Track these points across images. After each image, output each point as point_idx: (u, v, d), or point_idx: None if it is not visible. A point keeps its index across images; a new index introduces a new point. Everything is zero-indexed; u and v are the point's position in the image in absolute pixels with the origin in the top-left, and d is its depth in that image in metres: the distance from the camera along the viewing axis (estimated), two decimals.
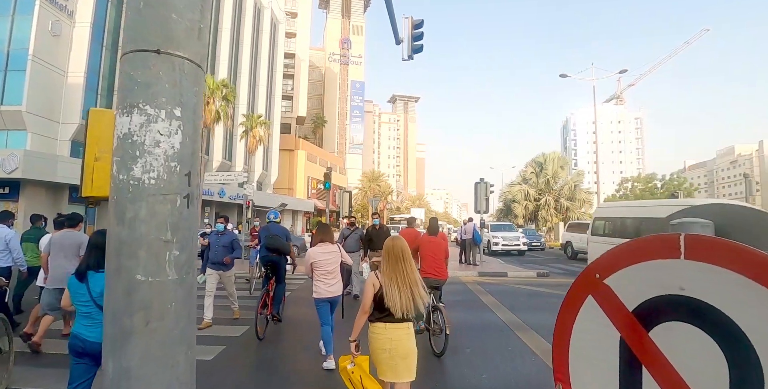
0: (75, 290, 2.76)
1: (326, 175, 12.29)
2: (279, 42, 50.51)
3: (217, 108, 28.95)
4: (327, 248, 4.63)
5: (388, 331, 2.84)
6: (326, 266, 4.57)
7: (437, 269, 5.52)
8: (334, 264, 4.64)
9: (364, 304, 2.91)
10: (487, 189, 15.61)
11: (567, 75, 27.36)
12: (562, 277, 12.09)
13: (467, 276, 11.73)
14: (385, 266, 2.93)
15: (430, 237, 5.69)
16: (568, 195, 34.77)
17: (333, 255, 4.63)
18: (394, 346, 2.82)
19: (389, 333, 2.84)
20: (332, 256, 4.62)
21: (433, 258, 5.53)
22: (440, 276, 5.53)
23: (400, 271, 2.88)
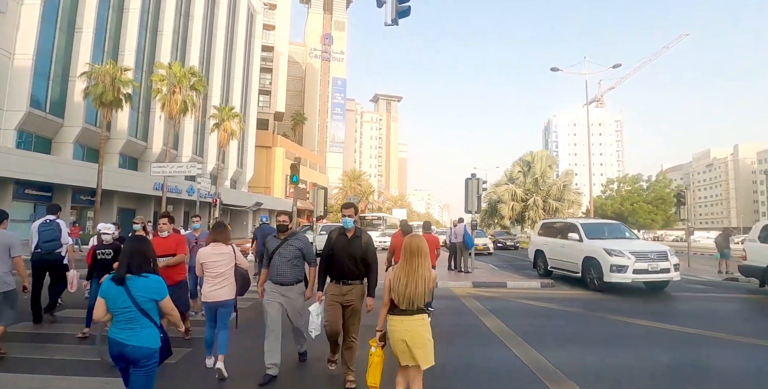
0: (115, 297, 2.71)
1: (293, 167, 10.32)
2: (256, 33, 48.17)
3: (184, 98, 26.59)
4: (219, 249, 4.41)
5: (404, 323, 3.03)
6: (216, 268, 4.34)
7: None
8: (225, 266, 4.39)
9: (384, 298, 3.12)
10: (479, 186, 13.86)
11: (558, 69, 26.00)
12: (568, 288, 10.37)
13: (461, 288, 9.89)
14: (402, 260, 3.14)
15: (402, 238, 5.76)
16: (557, 195, 33.44)
17: (225, 256, 4.40)
18: (410, 337, 3.00)
19: (405, 324, 3.03)
20: (224, 258, 4.39)
21: None
22: None
23: (414, 266, 3.07)
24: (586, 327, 6.58)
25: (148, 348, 2.71)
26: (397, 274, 3.07)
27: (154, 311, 2.79)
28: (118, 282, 2.72)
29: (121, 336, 2.70)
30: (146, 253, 2.87)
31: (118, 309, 2.71)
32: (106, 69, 23.27)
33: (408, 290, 2.99)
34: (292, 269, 4.27)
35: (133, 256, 2.81)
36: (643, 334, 6.09)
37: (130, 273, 2.75)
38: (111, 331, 2.74)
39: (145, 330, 2.72)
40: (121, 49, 29.72)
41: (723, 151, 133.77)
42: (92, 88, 23.05)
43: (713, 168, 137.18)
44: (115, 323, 2.75)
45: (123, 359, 2.72)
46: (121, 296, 2.70)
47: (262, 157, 50.68)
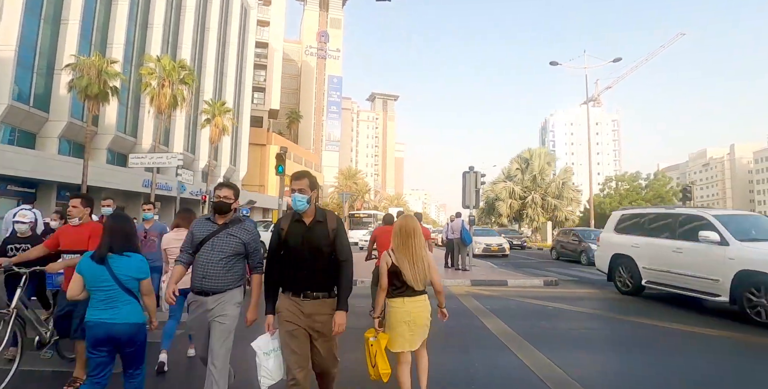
0: (94, 274, 2.65)
1: (279, 157, 9.62)
2: (250, 29, 47.36)
3: (174, 92, 25.82)
4: (182, 234, 4.11)
5: (406, 304, 3.03)
6: (176, 252, 3.86)
7: None
8: None
9: (382, 282, 3.07)
10: (477, 179, 13.18)
11: (557, 63, 25.44)
12: (574, 286, 9.72)
13: (458, 286, 9.23)
14: (396, 242, 3.11)
15: (385, 227, 6.34)
16: (556, 193, 32.81)
17: None
18: (413, 318, 3.02)
19: (407, 306, 3.03)
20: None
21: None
22: None
23: (410, 246, 3.06)
24: (600, 328, 5.95)
25: (135, 323, 2.64)
26: (397, 258, 3.04)
27: (137, 289, 2.73)
28: (99, 261, 2.64)
29: (104, 317, 2.60)
30: (128, 232, 2.81)
31: (98, 287, 2.63)
32: (92, 61, 22.48)
33: (414, 271, 3.00)
34: (225, 272, 2.89)
35: (115, 234, 2.74)
36: (661, 336, 5.45)
37: (112, 252, 2.68)
38: (90, 313, 2.63)
39: (128, 306, 2.66)
40: (110, 42, 28.90)
41: (719, 150, 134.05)
42: (77, 81, 22.27)
43: (710, 167, 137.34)
44: (94, 304, 2.64)
45: (110, 341, 2.60)
46: (102, 274, 2.63)
47: (256, 155, 49.89)
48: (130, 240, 2.80)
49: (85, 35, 26.81)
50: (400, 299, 3.03)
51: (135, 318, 2.66)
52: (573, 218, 33.56)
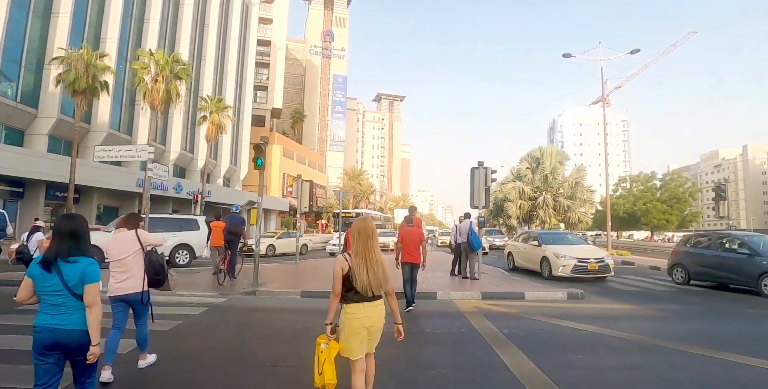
0: (42, 280, 2.52)
1: (258, 148, 8.27)
2: (251, 25, 46.29)
3: (167, 87, 24.66)
4: (121, 235, 4.01)
5: (366, 309, 2.91)
6: (116, 255, 3.92)
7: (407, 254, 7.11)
8: (125, 253, 3.91)
9: (335, 287, 2.93)
10: (487, 176, 11.79)
11: (571, 55, 23.94)
12: (602, 299, 8.33)
13: (466, 301, 7.84)
14: (356, 245, 2.96)
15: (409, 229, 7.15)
16: (568, 193, 31.25)
17: (125, 242, 3.94)
18: (373, 323, 2.92)
19: (367, 311, 2.90)
20: (123, 244, 3.94)
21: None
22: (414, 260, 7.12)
23: (370, 250, 2.93)
24: (660, 365, 4.41)
25: (85, 330, 2.48)
26: (354, 262, 2.91)
27: None
28: (45, 267, 2.52)
29: (52, 322, 2.48)
30: (78, 233, 2.63)
31: (46, 292, 2.52)
32: (80, 54, 21.41)
33: (372, 275, 2.87)
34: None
35: (63, 238, 2.59)
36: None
37: (60, 256, 2.54)
38: (39, 318, 2.52)
39: (80, 312, 2.50)
40: (103, 37, 27.88)
41: (731, 151, 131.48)
42: (64, 75, 21.20)
43: (722, 169, 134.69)
44: (44, 308, 2.53)
45: (58, 348, 2.47)
46: (51, 279, 2.51)
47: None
48: (80, 242, 2.61)
49: (76, 29, 25.79)
50: (360, 304, 2.90)
51: (85, 324, 2.50)
52: (586, 220, 31.97)
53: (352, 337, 2.86)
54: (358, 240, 2.95)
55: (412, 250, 7.04)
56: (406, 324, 3.46)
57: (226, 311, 6.80)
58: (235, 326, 6.01)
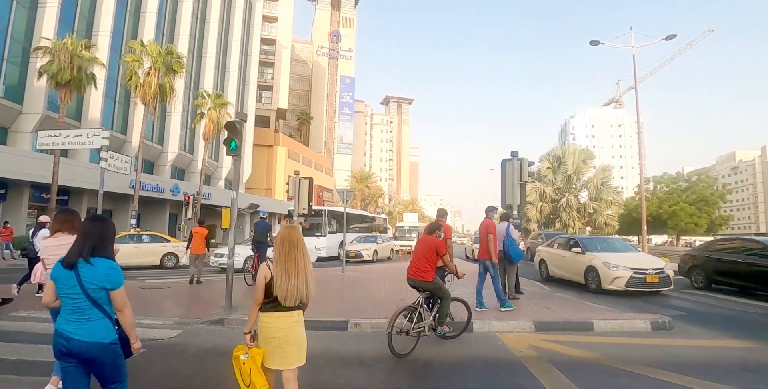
0: (63, 281, 2.44)
1: (230, 127, 6.25)
2: (255, 22, 44.66)
3: (160, 81, 22.89)
4: (63, 239, 3.62)
5: (278, 320, 2.85)
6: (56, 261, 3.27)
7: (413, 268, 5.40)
8: None
9: (257, 296, 2.88)
10: (522, 169, 9.71)
11: (600, 42, 21.86)
12: (694, 330, 6.13)
13: (516, 335, 5.67)
14: (279, 253, 2.90)
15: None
16: (594, 194, 28.91)
17: (67, 248, 2.92)
18: (284, 334, 2.84)
19: (279, 321, 2.85)
20: (64, 251, 2.92)
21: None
22: (415, 277, 5.34)
23: (293, 259, 2.87)
24: None
25: (98, 342, 2.37)
26: (276, 271, 2.85)
27: (106, 301, 2.45)
28: (67, 266, 2.44)
29: (66, 328, 2.41)
30: (102, 235, 2.56)
31: (65, 294, 2.45)
32: (64, 43, 19.73)
33: (291, 285, 2.81)
34: None
35: (86, 239, 2.51)
36: None
37: (82, 257, 2.46)
38: (58, 322, 2.46)
39: (93, 322, 2.39)
40: (95, 29, 26.23)
41: (749, 152, 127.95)
42: (47, 66, 19.53)
43: (739, 171, 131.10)
44: (63, 312, 2.46)
45: (71, 356, 2.39)
46: (69, 280, 2.42)
47: (263, 156, 46.99)
48: (103, 245, 2.53)
49: (65, 20, 24.15)
50: (273, 313, 2.84)
51: (99, 336, 2.38)
52: (613, 223, 29.55)
53: (264, 346, 2.83)
54: (281, 248, 2.90)
55: (417, 262, 5.33)
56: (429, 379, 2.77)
57: (166, 357, 4.63)
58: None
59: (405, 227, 32.28)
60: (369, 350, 4.96)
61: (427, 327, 5.05)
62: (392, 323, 4.75)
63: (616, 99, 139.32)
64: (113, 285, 2.44)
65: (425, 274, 5.23)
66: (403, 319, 5.00)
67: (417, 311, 5.04)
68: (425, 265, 5.24)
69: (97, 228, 2.56)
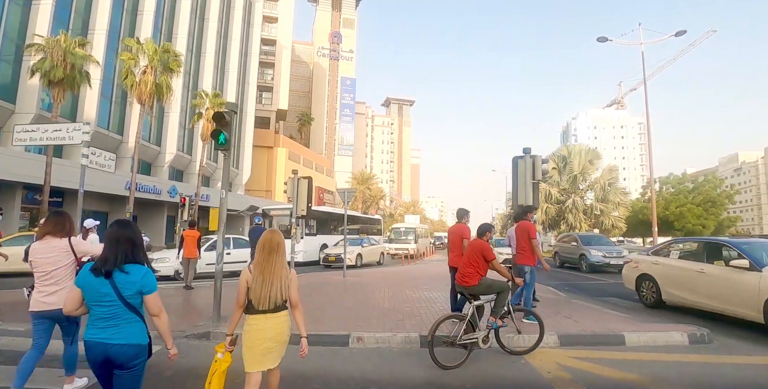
0: (94, 289, 2.38)
1: (219, 118, 5.54)
2: (255, 22, 44.17)
3: (156, 80, 22.34)
4: (53, 243, 3.57)
5: (267, 321, 2.88)
6: (44, 266, 3.54)
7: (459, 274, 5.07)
8: (54, 265, 3.53)
9: (239, 299, 2.92)
10: (536, 167, 9.04)
11: (607, 38, 21.32)
12: (743, 346, 5.50)
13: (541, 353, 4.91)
14: (258, 257, 2.94)
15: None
16: (600, 195, 28.27)
17: (55, 252, 3.54)
18: (274, 335, 2.87)
19: (269, 322, 2.88)
20: (53, 254, 3.54)
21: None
22: (461, 283, 4.98)
23: (271, 263, 2.90)
24: None
25: (137, 345, 2.39)
26: (254, 274, 2.89)
27: (140, 305, 2.45)
28: (104, 275, 2.39)
29: (102, 336, 2.36)
30: (133, 240, 2.53)
31: (99, 302, 2.39)
32: (57, 40, 19.20)
33: (265, 290, 2.85)
34: None
35: (117, 245, 2.47)
36: None
37: (116, 264, 2.42)
38: (88, 332, 2.39)
39: (132, 325, 2.40)
40: (91, 28, 25.70)
41: (752, 154, 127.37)
42: (39, 63, 18.99)
43: (742, 172, 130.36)
44: (93, 321, 2.41)
45: (107, 363, 2.37)
46: (103, 288, 2.38)
47: (263, 158, 46.43)
48: (137, 250, 2.51)
49: (60, 18, 23.62)
50: (263, 316, 2.87)
51: (138, 338, 2.40)
52: (620, 225, 28.88)
53: (251, 350, 2.84)
54: (261, 252, 2.94)
55: (463, 268, 5.05)
56: None
57: None
58: None
59: (401, 229, 30.00)
60: (374, 370, 4.34)
61: (482, 339, 4.60)
62: (434, 329, 4.40)
63: (618, 100, 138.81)
64: (149, 289, 2.44)
65: (470, 279, 4.90)
66: (448, 326, 4.64)
67: (466, 320, 4.61)
68: (470, 270, 4.94)
69: (127, 234, 2.53)
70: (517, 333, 5.10)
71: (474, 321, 4.69)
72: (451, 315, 4.87)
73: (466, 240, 6.23)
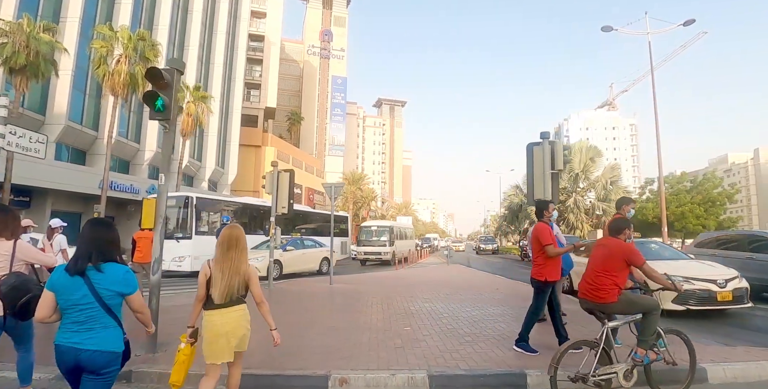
0: (70, 291, 2.23)
1: (152, 75, 4.18)
2: (242, 16, 42.57)
3: (131, 70, 20.76)
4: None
5: (223, 315, 2.87)
6: None
7: (585, 285, 3.83)
8: None
9: (199, 292, 2.94)
10: (556, 154, 7.74)
11: (612, 28, 20.23)
12: None
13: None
14: (217, 252, 2.95)
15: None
16: (602, 195, 27.14)
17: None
18: (232, 329, 2.86)
19: (224, 317, 2.87)
20: None
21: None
22: (591, 298, 3.72)
23: (230, 259, 2.90)
24: None
25: (111, 351, 2.25)
26: (213, 270, 2.90)
27: (119, 308, 2.34)
28: (76, 274, 2.25)
29: (74, 340, 2.22)
30: (108, 239, 2.40)
31: (74, 305, 2.24)
32: (19, 23, 17.61)
33: (223, 285, 2.85)
34: None
35: (92, 244, 2.34)
36: None
37: (91, 263, 2.29)
38: (60, 336, 2.26)
39: (108, 330, 2.26)
40: (63, 15, 23.95)
41: (742, 155, 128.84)
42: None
43: (732, 173, 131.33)
44: (66, 325, 2.26)
45: (78, 369, 2.24)
46: (79, 289, 2.23)
47: (250, 157, 44.75)
48: (113, 249, 2.39)
49: (28, 3, 21.92)
50: (217, 311, 2.87)
51: (113, 345, 2.27)
52: None
53: (210, 345, 2.85)
54: (220, 248, 2.93)
55: (593, 277, 3.82)
56: None
57: None
58: None
59: (372, 228, 24.38)
60: None
61: (623, 375, 3.48)
62: (557, 361, 3.40)
63: (609, 102, 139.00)
64: (131, 289, 2.34)
65: (607, 294, 3.62)
66: (575, 357, 3.55)
67: (600, 347, 3.49)
68: (606, 282, 3.65)
69: (103, 233, 2.40)
70: (671, 365, 3.76)
71: (609, 347, 3.52)
72: (575, 341, 3.60)
73: (550, 247, 4.81)
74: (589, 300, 3.77)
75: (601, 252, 3.82)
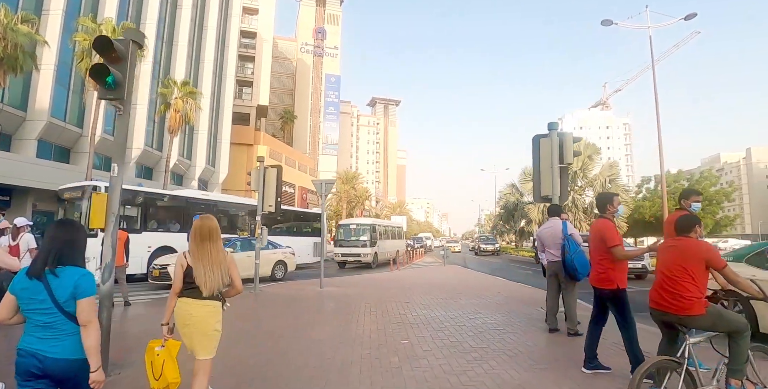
0: (31, 295, 2.11)
1: (100, 45, 3.62)
2: (233, 12, 41.73)
3: None
4: None
5: (191, 307, 2.79)
6: None
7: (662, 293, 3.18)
8: None
9: (175, 285, 2.85)
10: (565, 147, 7.26)
11: (612, 22, 19.75)
12: None
13: None
14: (192, 245, 2.88)
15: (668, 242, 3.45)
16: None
17: None
18: (194, 322, 2.76)
19: (192, 308, 2.78)
20: None
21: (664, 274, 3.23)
22: (671, 308, 3.10)
23: (206, 250, 2.84)
24: None
25: (79, 359, 2.08)
26: (192, 261, 2.82)
27: None
28: (34, 277, 2.13)
29: (38, 347, 2.09)
30: (71, 241, 2.25)
31: (34, 310, 2.12)
32: None
33: (208, 278, 2.77)
34: None
35: (53, 246, 2.20)
36: None
37: (48, 266, 2.16)
38: (24, 341, 2.13)
39: (73, 337, 2.10)
40: (45, 7, 23.08)
41: (734, 155, 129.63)
42: None
43: (724, 173, 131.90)
44: (30, 330, 2.15)
45: (45, 377, 2.08)
46: (39, 293, 2.11)
47: (242, 156, 43.93)
48: (74, 251, 2.23)
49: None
50: (187, 299, 2.80)
51: (79, 352, 2.09)
52: (622, 224, 27.29)
53: (179, 330, 2.80)
54: (194, 241, 2.85)
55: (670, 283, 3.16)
56: None
57: None
58: None
59: (351, 226, 22.07)
60: None
61: None
62: (639, 382, 2.80)
63: (602, 101, 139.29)
64: (83, 293, 2.11)
65: (691, 303, 3.03)
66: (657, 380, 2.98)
67: (683, 368, 2.91)
68: (689, 288, 3.05)
69: (64, 234, 2.25)
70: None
71: (693, 370, 2.97)
72: (655, 361, 2.97)
73: (618, 249, 4.01)
74: (668, 312, 3.15)
75: (672, 255, 3.21)
